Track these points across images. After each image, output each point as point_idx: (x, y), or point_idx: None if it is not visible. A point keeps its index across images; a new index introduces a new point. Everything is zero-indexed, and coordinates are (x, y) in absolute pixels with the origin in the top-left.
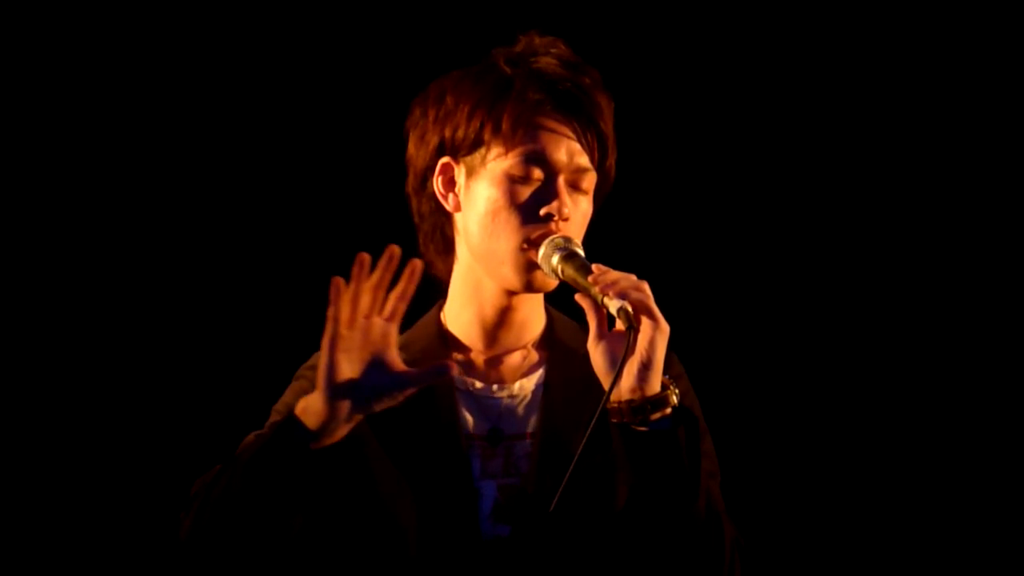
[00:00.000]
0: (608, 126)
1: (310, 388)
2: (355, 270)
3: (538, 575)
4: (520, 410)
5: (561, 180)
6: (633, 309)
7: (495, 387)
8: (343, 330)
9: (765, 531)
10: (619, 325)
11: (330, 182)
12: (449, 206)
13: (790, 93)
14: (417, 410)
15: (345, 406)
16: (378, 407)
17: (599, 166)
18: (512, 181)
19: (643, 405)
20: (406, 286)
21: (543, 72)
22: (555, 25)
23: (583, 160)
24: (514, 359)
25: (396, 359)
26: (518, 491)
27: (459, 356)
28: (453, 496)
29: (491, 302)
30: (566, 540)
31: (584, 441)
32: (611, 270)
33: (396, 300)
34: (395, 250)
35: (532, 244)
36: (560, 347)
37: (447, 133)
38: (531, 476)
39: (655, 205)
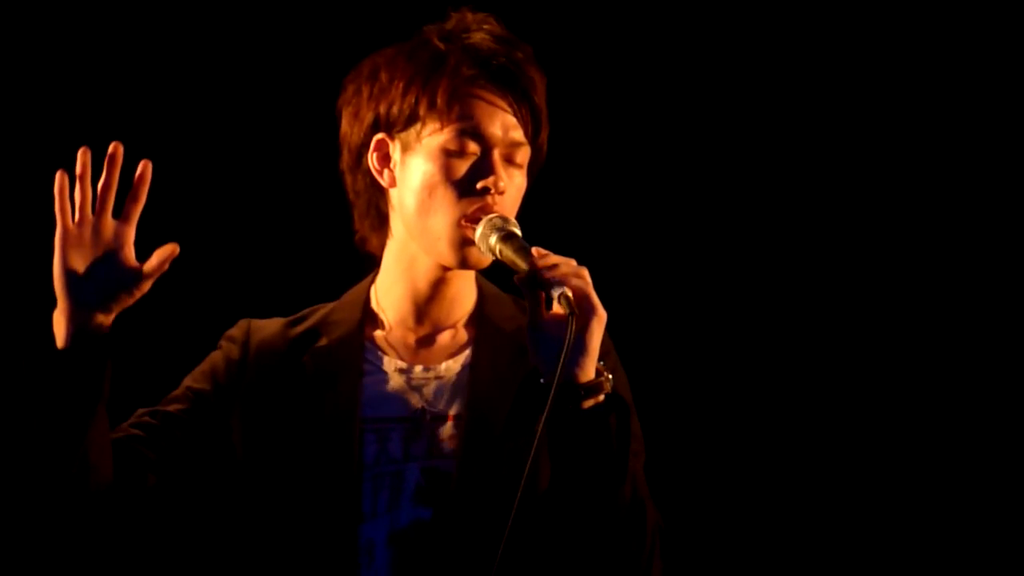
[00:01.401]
0: (542, 100)
1: (225, 358)
2: (78, 166)
3: (458, 557)
4: (446, 391)
5: (496, 154)
6: (573, 295)
7: (421, 367)
8: (70, 225)
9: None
10: (556, 309)
11: (264, 163)
12: (384, 182)
13: (730, 65)
14: (317, 392)
15: (82, 303)
16: (116, 305)
17: (532, 140)
18: (448, 155)
19: (576, 391)
20: (136, 186)
21: (477, 47)
22: (485, 2)
23: (517, 134)
24: (443, 338)
25: (131, 258)
26: (441, 473)
27: (382, 332)
28: (333, 482)
29: (424, 277)
30: (488, 522)
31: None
32: (551, 254)
33: (129, 201)
34: (118, 147)
35: (469, 219)
36: (489, 324)
37: (382, 109)
38: (456, 458)
39: (589, 185)
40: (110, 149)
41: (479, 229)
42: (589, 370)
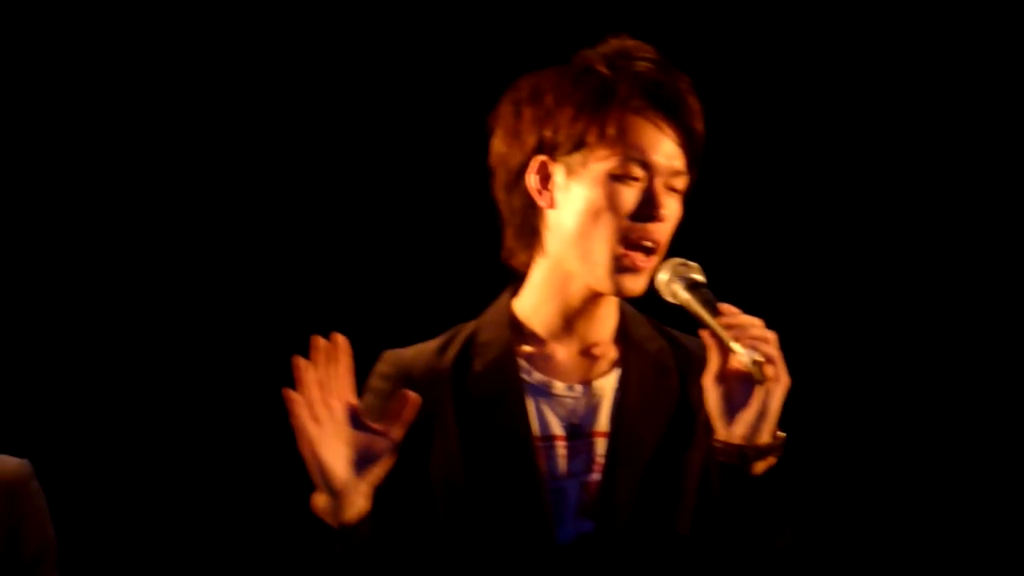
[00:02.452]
0: (702, 129)
1: (379, 401)
2: (318, 354)
3: (618, 570)
4: (599, 409)
5: (659, 182)
6: (763, 360)
7: (574, 386)
8: (313, 430)
9: None
10: (734, 364)
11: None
12: (543, 202)
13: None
14: (486, 414)
15: (348, 490)
16: (373, 478)
17: (691, 169)
18: (613, 181)
19: (750, 453)
20: (345, 364)
21: (644, 77)
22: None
23: (679, 163)
24: (592, 357)
25: (368, 425)
26: (599, 488)
27: (531, 349)
28: (522, 498)
29: (576, 296)
30: (643, 537)
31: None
32: (741, 313)
33: (342, 378)
34: (339, 339)
35: (630, 245)
36: (634, 344)
37: (546, 133)
38: (611, 474)
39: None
40: (333, 341)
41: (662, 273)
42: (766, 434)
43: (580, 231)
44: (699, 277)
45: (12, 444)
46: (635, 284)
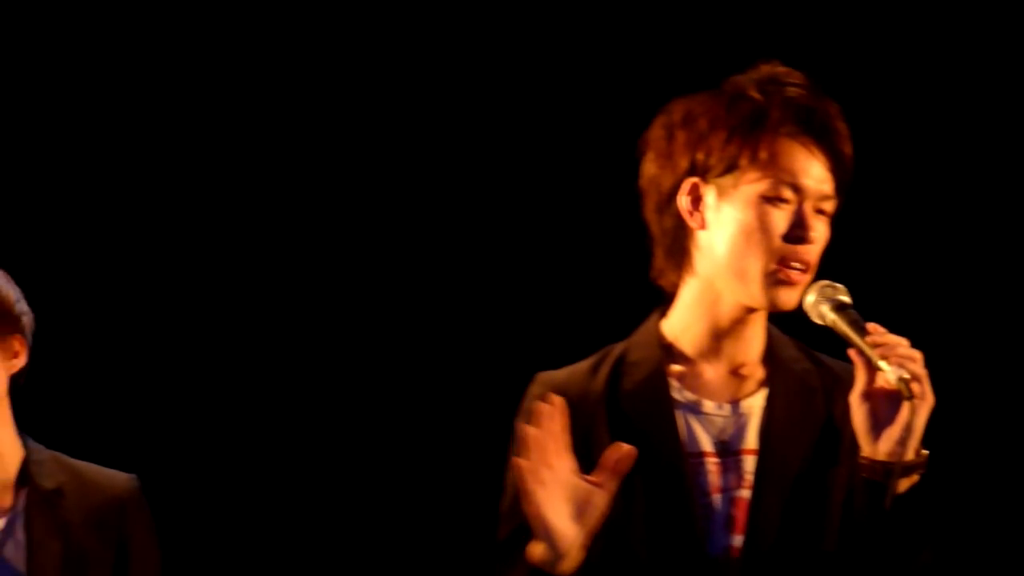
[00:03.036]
0: (850, 152)
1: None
2: (545, 419)
3: None
4: (747, 427)
5: (809, 205)
6: (910, 380)
7: (722, 403)
8: (538, 491)
9: None
10: (880, 383)
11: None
12: (694, 223)
13: None
14: (638, 431)
15: (570, 544)
16: (593, 527)
17: (840, 193)
18: (763, 204)
19: (895, 469)
20: (561, 423)
21: (796, 102)
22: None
23: (828, 187)
24: (740, 376)
25: (584, 479)
26: (745, 504)
27: (681, 368)
28: (674, 512)
29: (727, 316)
30: (791, 556)
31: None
32: (888, 333)
33: (559, 436)
34: (556, 400)
35: (780, 264)
36: (781, 365)
37: (699, 156)
38: (757, 490)
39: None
40: (553, 401)
41: (810, 295)
42: (910, 451)
43: (733, 251)
44: (846, 298)
45: (117, 460)
46: (789, 297)
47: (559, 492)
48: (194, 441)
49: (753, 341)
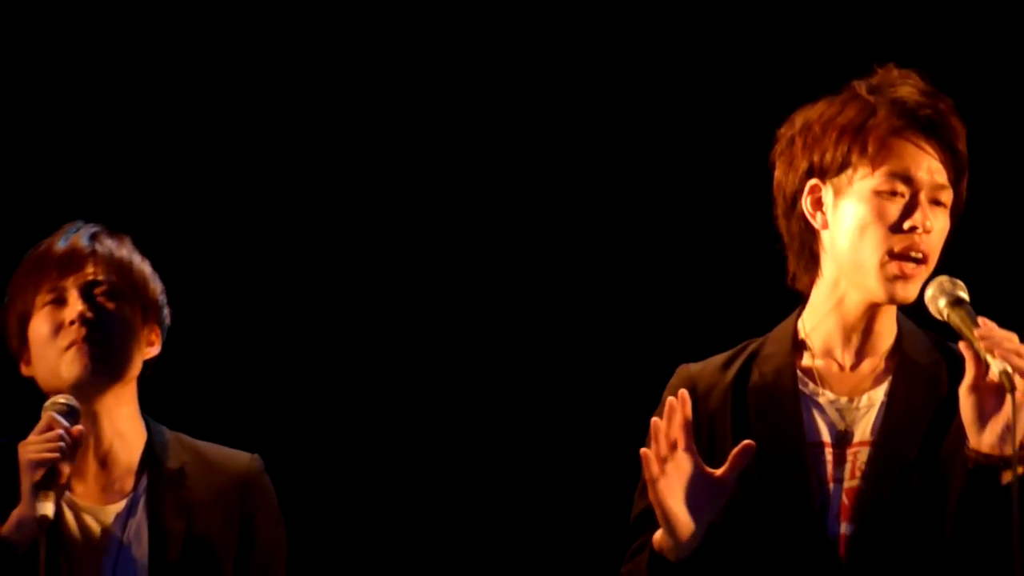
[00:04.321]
0: (963, 147)
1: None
2: (655, 432)
3: (877, 571)
4: (867, 418)
5: (923, 196)
6: (1014, 373)
7: (846, 397)
8: (662, 482)
9: None
10: (991, 378)
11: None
12: (817, 224)
13: None
14: (761, 420)
15: (687, 531)
16: (712, 516)
17: (955, 185)
18: (878, 197)
19: (997, 462)
20: (686, 416)
21: (904, 100)
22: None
23: (941, 178)
24: (866, 369)
25: (705, 471)
26: (860, 494)
27: (809, 362)
28: (793, 499)
29: (853, 313)
30: (901, 545)
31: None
32: (997, 327)
33: (683, 429)
34: (684, 394)
35: (897, 256)
36: (907, 358)
37: (815, 157)
38: (873, 480)
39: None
40: (682, 396)
41: (929, 291)
42: (1010, 444)
43: (851, 246)
44: (963, 294)
45: (240, 440)
46: (906, 291)
47: (681, 482)
48: (318, 422)
49: (882, 335)
